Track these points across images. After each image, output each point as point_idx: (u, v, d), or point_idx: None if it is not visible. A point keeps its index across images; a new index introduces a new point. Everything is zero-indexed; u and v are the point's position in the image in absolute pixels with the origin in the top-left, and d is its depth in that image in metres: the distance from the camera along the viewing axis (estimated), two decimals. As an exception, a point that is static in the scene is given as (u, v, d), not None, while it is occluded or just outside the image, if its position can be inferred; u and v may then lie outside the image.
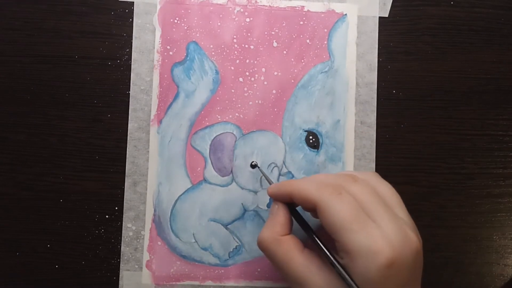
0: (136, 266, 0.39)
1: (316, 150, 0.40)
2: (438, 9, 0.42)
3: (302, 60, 0.41)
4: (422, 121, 0.41)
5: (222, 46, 0.40)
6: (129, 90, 0.40)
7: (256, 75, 0.40)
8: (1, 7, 0.40)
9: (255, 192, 0.40)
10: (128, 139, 0.40)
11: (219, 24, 0.40)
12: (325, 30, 0.41)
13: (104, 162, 0.40)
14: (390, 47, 0.41)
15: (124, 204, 0.40)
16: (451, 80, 0.42)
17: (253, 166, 0.40)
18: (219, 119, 0.40)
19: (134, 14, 0.40)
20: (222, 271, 0.40)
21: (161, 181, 0.40)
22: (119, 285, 0.39)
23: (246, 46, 0.40)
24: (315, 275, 0.30)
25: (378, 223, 0.28)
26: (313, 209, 0.30)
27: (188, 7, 0.40)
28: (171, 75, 0.40)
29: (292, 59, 0.41)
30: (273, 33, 0.41)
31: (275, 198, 0.34)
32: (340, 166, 0.40)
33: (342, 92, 0.41)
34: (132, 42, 0.40)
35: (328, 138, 0.40)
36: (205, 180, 0.40)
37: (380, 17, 0.41)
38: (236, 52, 0.40)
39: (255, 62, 0.40)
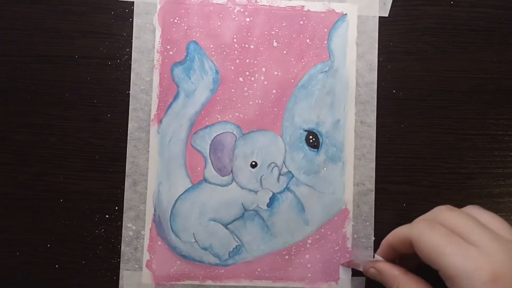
0: (136, 266, 0.39)
1: (316, 149, 0.40)
2: (438, 9, 0.42)
3: (302, 60, 0.41)
4: (422, 121, 0.41)
5: (222, 46, 0.40)
6: (129, 90, 0.40)
7: (256, 75, 0.40)
8: (1, 7, 0.40)
9: (255, 192, 0.40)
10: (128, 138, 0.40)
11: (219, 24, 0.40)
12: (325, 29, 0.41)
13: (104, 162, 0.40)
14: (390, 47, 0.41)
15: (124, 204, 0.40)
16: (451, 80, 0.42)
17: (253, 166, 0.40)
18: (219, 119, 0.40)
19: (134, 14, 0.40)
20: (222, 270, 0.40)
21: (161, 180, 0.40)
22: (119, 285, 0.39)
23: (246, 45, 0.40)
24: None
25: (475, 243, 0.29)
26: (411, 248, 0.32)
27: (188, 7, 0.40)
28: (171, 75, 0.40)
29: (292, 59, 0.41)
30: (273, 32, 0.41)
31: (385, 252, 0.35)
32: (340, 166, 0.40)
33: (342, 92, 0.41)
34: (132, 42, 0.40)
35: (328, 138, 0.40)
36: (205, 180, 0.40)
37: (380, 17, 0.41)
38: (236, 51, 0.40)
39: (255, 62, 0.40)
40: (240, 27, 0.41)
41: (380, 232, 0.41)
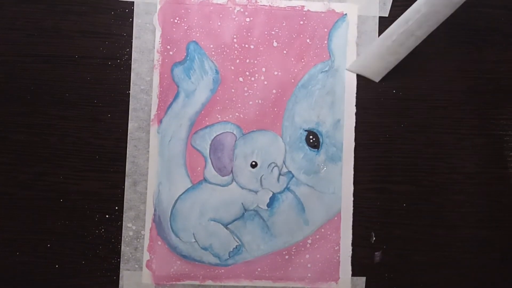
0: (136, 266, 0.39)
1: (316, 149, 0.40)
2: (438, 9, 0.42)
3: (302, 60, 0.41)
4: (422, 121, 0.41)
5: (222, 46, 0.40)
6: (129, 90, 0.40)
7: (256, 75, 0.40)
8: (1, 7, 0.40)
9: (255, 192, 0.40)
10: (128, 138, 0.40)
11: (219, 24, 0.40)
12: (325, 29, 0.41)
13: (104, 162, 0.40)
14: (390, 47, 0.41)
15: (124, 204, 0.40)
16: (451, 80, 0.42)
17: (253, 166, 0.40)
18: (219, 118, 0.40)
19: (134, 14, 0.40)
20: (222, 270, 0.40)
21: (161, 180, 0.40)
22: (119, 285, 0.39)
23: (246, 46, 0.40)
24: None
25: None
26: None
27: (188, 7, 0.40)
28: (171, 75, 0.40)
29: (292, 59, 0.41)
30: (273, 33, 0.41)
31: None
32: (340, 166, 0.40)
33: (342, 92, 0.41)
34: (132, 41, 0.40)
35: (328, 138, 0.40)
36: (205, 179, 0.40)
37: (380, 17, 0.41)
38: (236, 52, 0.40)
39: (255, 62, 0.40)
40: (240, 27, 0.41)
41: (380, 233, 0.41)
